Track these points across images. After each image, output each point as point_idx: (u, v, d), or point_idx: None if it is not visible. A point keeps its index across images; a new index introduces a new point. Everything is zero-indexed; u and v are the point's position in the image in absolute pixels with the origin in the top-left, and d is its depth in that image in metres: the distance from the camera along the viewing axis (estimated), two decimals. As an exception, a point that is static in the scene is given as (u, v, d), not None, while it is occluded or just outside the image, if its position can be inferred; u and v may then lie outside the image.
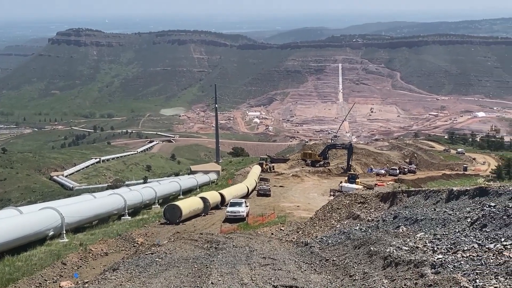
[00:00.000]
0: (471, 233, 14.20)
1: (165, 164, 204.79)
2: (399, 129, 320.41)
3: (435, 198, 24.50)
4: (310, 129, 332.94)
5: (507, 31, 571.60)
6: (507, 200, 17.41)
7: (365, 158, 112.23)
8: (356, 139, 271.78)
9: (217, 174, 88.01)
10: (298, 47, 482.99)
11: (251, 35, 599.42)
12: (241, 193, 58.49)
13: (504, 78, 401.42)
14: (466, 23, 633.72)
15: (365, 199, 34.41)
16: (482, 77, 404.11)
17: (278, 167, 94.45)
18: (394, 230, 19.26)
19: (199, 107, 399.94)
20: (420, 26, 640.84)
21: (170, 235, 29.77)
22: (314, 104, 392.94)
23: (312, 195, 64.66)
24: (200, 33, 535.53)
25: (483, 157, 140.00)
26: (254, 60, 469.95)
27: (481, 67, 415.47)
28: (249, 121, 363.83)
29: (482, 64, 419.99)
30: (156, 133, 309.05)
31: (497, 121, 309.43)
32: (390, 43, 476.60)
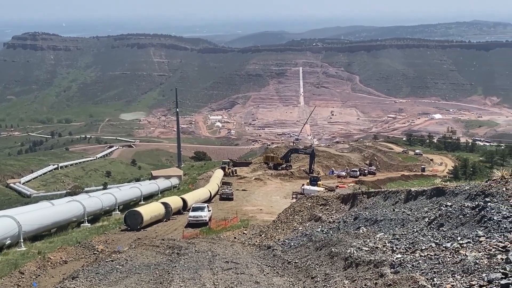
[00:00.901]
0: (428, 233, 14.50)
1: (126, 169, 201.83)
2: (359, 131, 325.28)
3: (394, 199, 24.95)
4: (272, 133, 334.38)
5: (461, 35, 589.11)
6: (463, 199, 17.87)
7: (326, 160, 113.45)
8: (318, 141, 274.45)
9: (179, 179, 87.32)
10: (259, 51, 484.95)
11: (212, 38, 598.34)
12: (203, 198, 58.23)
13: (459, 80, 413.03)
14: (422, 27, 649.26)
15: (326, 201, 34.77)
16: (438, 79, 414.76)
17: (241, 170, 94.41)
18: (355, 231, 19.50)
19: (160, 112, 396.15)
20: (377, 30, 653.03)
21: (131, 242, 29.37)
22: (276, 108, 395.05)
23: (275, 198, 64.88)
24: (160, 37, 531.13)
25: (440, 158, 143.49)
26: (215, 64, 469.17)
27: (437, 70, 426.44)
28: (211, 125, 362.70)
29: (438, 67, 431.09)
30: (115, 138, 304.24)
31: (453, 123, 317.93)
32: (349, 47, 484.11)
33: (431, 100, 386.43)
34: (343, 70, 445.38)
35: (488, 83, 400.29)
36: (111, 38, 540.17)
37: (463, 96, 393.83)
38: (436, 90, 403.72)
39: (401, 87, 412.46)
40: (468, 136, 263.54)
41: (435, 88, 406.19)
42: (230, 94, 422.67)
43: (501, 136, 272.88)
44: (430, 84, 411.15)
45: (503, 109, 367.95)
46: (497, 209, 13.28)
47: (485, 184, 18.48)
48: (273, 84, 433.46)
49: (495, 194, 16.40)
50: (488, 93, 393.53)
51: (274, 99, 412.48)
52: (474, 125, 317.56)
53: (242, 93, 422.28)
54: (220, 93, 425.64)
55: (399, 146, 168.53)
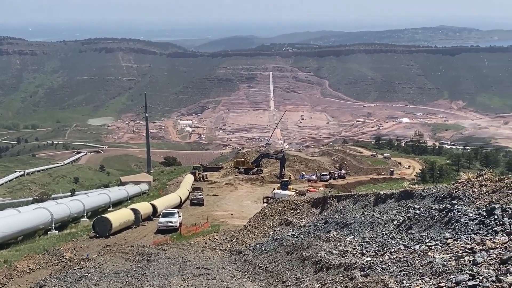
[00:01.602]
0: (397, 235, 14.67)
1: (94, 175, 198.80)
2: (329, 135, 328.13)
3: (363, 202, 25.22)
4: (242, 137, 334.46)
5: (428, 40, 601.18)
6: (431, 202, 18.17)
7: (297, 164, 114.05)
8: (288, 146, 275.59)
9: (149, 184, 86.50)
10: (229, 55, 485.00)
11: (181, 43, 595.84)
12: (173, 203, 57.80)
13: (426, 85, 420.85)
14: (390, 32, 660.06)
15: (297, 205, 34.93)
16: (405, 84, 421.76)
17: (211, 175, 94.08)
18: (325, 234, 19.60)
19: (128, 117, 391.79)
20: (346, 35, 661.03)
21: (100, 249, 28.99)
22: (246, 112, 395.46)
23: (246, 203, 64.83)
24: (128, 41, 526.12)
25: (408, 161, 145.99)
26: (185, 68, 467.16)
27: (405, 75, 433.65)
28: (181, 130, 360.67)
29: (405, 72, 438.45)
30: (83, 144, 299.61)
31: (421, 127, 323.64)
32: (318, 52, 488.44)
33: (399, 104, 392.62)
34: (312, 75, 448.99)
35: (454, 87, 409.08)
36: (79, 42, 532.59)
37: (429, 100, 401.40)
38: (403, 95, 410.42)
39: (369, 91, 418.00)
40: (435, 140, 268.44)
41: (403, 93, 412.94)
42: (200, 98, 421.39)
43: (467, 139, 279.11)
44: (398, 88, 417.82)
45: (469, 112, 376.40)
46: (464, 211, 13.52)
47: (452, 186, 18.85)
48: (243, 89, 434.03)
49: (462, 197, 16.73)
50: (454, 97, 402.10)
51: (244, 103, 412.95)
52: (440, 129, 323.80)
53: (212, 97, 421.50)
54: (190, 98, 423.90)
55: (368, 150, 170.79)
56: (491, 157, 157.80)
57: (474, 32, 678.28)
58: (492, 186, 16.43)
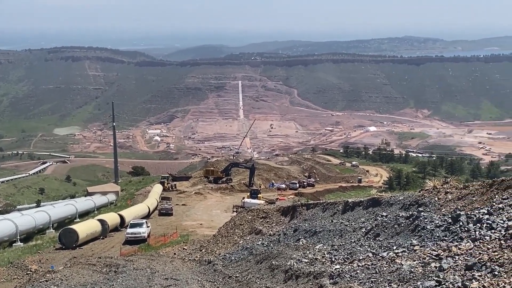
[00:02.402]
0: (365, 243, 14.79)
1: (60, 186, 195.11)
2: (298, 144, 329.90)
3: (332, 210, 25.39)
4: (212, 146, 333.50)
5: (394, 50, 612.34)
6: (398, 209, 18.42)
7: (266, 173, 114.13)
8: (257, 154, 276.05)
9: (116, 194, 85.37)
10: (197, 64, 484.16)
11: (149, 52, 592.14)
12: (141, 214, 57.16)
13: (392, 94, 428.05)
14: (357, 43, 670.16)
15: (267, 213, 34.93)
16: (372, 93, 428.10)
17: (180, 185, 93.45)
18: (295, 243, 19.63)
19: (95, 126, 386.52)
20: (314, 45, 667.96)
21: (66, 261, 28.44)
22: (216, 121, 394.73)
23: (215, 212, 64.57)
24: (95, 50, 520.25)
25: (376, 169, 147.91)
26: (153, 77, 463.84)
27: (371, 84, 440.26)
28: (149, 139, 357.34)
29: (372, 81, 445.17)
30: (49, 154, 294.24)
31: (387, 135, 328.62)
32: (287, 61, 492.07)
33: (366, 113, 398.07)
34: (281, 84, 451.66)
35: (419, 96, 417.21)
36: (45, 51, 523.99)
37: (396, 109, 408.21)
38: (370, 103, 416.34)
39: (337, 100, 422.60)
40: (401, 148, 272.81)
41: (370, 102, 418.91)
42: (168, 107, 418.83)
43: (432, 147, 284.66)
44: (365, 97, 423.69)
45: (434, 121, 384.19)
46: (430, 218, 13.73)
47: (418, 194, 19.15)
48: (213, 98, 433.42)
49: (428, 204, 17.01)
50: (420, 106, 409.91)
51: (213, 112, 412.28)
52: (407, 137, 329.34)
53: (181, 106, 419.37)
54: (159, 107, 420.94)
55: (336, 158, 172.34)
56: (456, 165, 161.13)
57: (439, 43, 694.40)
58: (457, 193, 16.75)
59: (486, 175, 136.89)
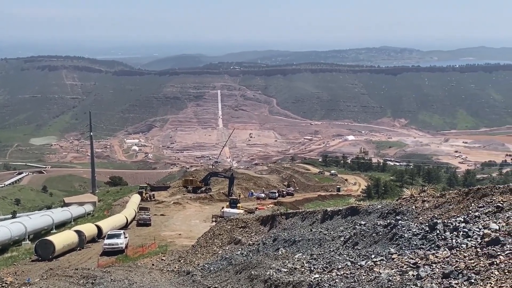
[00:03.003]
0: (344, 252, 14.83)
1: (36, 196, 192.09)
2: (277, 153, 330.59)
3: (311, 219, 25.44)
4: (191, 156, 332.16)
5: (371, 60, 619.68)
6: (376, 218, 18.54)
7: (245, 182, 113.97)
8: (237, 164, 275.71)
9: (93, 205, 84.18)
10: (176, 73, 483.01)
11: (128, 61, 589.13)
12: (119, 224, 56.54)
13: (370, 103, 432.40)
14: (334, 53, 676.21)
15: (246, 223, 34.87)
16: (350, 102, 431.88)
17: (159, 195, 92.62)
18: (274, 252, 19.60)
19: (72, 136, 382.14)
20: (292, 55, 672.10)
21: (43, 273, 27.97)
22: (195, 130, 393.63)
23: (194, 222, 64.18)
24: (72, 59, 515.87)
25: (354, 178, 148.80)
26: (131, 86, 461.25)
27: (349, 94, 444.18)
28: (128, 149, 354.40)
29: (349, 91, 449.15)
30: (25, 164, 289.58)
31: (365, 144, 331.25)
32: (266, 70, 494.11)
33: (344, 122, 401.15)
34: (260, 93, 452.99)
35: (397, 105, 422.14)
36: (21, 60, 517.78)
37: (373, 118, 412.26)
38: (348, 113, 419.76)
39: (316, 109, 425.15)
40: (379, 157, 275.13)
41: (348, 111, 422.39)
42: (147, 117, 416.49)
43: (409, 156, 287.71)
44: (343, 106, 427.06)
45: (411, 130, 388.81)
46: (408, 227, 13.84)
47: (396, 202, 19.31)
48: (192, 107, 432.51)
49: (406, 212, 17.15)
50: (397, 115, 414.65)
51: (192, 122, 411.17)
52: (384, 146, 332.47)
53: (159, 116, 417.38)
54: (137, 116, 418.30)
55: (315, 167, 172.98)
56: (433, 173, 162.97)
57: (415, 53, 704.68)
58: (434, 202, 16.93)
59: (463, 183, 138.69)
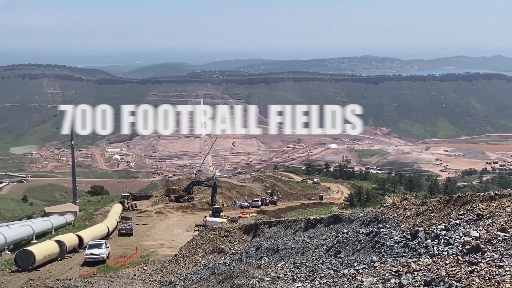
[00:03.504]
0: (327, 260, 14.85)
1: (16, 206, 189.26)
2: (260, 161, 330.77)
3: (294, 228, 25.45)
4: (173, 164, 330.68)
5: (352, 69, 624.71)
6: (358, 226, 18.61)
7: (228, 191, 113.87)
8: (220, 172, 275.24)
9: (74, 215, 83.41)
10: (159, 82, 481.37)
11: (109, 69, 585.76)
12: (100, 234, 56.06)
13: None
14: (317, 61, 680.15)
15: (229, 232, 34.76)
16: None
17: (141, 204, 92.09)
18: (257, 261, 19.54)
19: (53, 145, 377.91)
20: (275, 63, 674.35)
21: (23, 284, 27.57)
22: (177, 139, 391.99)
23: (177, 232, 63.90)
24: (53, 67, 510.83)
25: (337, 186, 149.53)
26: (113, 95, 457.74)
27: (331, 102, 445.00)
28: (109, 158, 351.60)
29: (332, 99, 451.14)
30: (5, 174, 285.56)
31: (348, 152, 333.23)
32: (248, 79, 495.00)
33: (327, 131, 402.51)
34: (243, 102, 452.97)
35: (378, 114, 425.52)
36: (1, 68, 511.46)
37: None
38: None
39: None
40: (361, 165, 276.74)
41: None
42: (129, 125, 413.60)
43: (391, 164, 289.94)
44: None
45: (393, 138, 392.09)
46: (390, 235, 13.91)
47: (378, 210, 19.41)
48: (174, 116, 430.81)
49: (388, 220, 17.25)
50: (379, 124, 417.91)
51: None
52: (366, 154, 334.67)
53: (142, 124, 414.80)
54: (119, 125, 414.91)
55: (298, 175, 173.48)
56: (414, 181, 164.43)
57: (396, 62, 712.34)
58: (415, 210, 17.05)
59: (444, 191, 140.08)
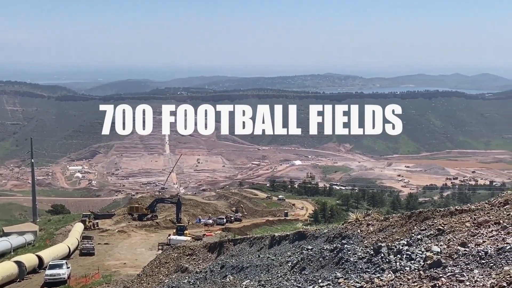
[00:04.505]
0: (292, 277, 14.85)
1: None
2: (225, 178, 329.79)
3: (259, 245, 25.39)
4: (136, 182, 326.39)
5: (316, 86, 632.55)
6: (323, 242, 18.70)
7: (193, 209, 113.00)
8: (184, 190, 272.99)
9: (34, 234, 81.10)
10: (122, 98, 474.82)
11: (71, 86, 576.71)
12: (61, 254, 54.78)
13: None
14: (281, 79, 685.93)
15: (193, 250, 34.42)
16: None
17: (103, 223, 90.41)
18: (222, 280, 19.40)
19: (13, 163, 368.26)
20: (239, 80, 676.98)
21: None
22: (141, 156, 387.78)
23: (140, 251, 62.99)
24: (13, 84, 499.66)
25: (301, 202, 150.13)
26: (75, 112, 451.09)
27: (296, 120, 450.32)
28: (70, 176, 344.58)
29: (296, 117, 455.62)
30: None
31: (312, 169, 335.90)
32: (213, 96, 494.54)
33: (291, 147, 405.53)
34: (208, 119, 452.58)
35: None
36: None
37: (319, 143, 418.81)
38: (295, 138, 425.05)
39: (263, 135, 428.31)
40: (325, 181, 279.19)
41: (294, 136, 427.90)
42: (91, 143, 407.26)
43: (354, 180, 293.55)
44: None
45: (356, 155, 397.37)
46: (353, 251, 14.02)
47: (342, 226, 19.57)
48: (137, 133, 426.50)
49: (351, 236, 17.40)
50: (342, 141, 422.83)
51: (138, 147, 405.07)
52: (330, 171, 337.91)
53: (104, 142, 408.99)
54: (80, 142, 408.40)
55: (263, 192, 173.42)
56: (377, 197, 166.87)
57: (358, 80, 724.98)
58: (378, 225, 17.27)
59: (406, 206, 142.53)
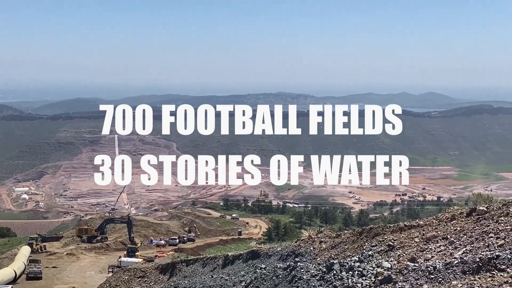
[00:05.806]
0: (245, 297, 14.72)
1: None
2: (178, 198, 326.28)
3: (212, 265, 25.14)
4: (85, 203, 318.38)
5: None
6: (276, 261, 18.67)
7: (144, 229, 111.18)
8: (136, 210, 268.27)
9: (-23, 260, 77.70)
10: (70, 118, 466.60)
11: (18, 105, 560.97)
12: (7, 279, 52.54)
13: (268, 147, 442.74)
14: (233, 97, 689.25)
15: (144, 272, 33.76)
16: (249, 146, 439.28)
17: (51, 246, 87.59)
18: (174, 302, 19.03)
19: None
20: (192, 99, 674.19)
21: None
22: (90, 177, 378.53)
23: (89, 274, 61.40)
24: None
25: (255, 220, 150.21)
26: (21, 132, 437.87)
27: (248, 137, 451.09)
28: (17, 198, 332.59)
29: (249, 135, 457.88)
30: None
31: (266, 187, 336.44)
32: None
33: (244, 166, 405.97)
34: (160, 138, 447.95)
35: (294, 148, 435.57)
36: None
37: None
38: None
39: (216, 153, 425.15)
40: (279, 199, 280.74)
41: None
42: (38, 163, 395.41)
43: (307, 197, 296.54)
44: (243, 150, 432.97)
45: (308, 172, 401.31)
46: (306, 268, 14.04)
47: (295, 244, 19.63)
48: (86, 152, 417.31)
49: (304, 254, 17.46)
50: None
51: (87, 167, 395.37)
52: (284, 188, 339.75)
53: (52, 162, 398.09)
54: (27, 163, 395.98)
55: (216, 211, 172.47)
56: (329, 214, 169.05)
57: (310, 98, 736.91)
58: (330, 242, 17.41)
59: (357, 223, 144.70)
